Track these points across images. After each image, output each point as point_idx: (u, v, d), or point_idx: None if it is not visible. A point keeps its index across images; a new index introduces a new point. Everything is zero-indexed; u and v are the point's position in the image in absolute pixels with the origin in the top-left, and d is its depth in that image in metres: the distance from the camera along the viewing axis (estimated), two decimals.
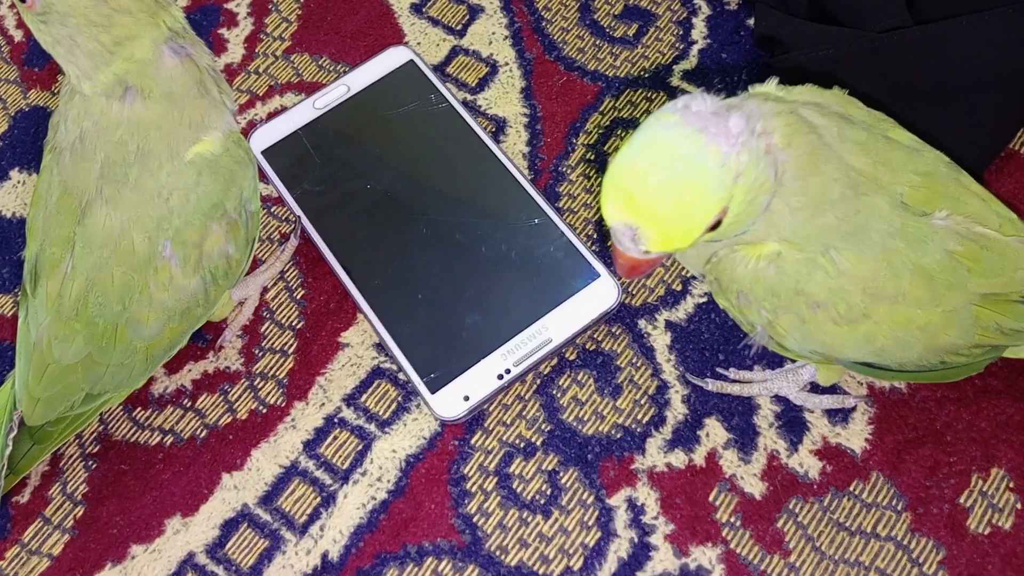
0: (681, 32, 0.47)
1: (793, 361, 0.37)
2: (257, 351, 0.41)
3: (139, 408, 0.41)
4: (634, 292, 0.41)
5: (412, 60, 0.46)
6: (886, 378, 0.35)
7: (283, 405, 0.40)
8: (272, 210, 0.44)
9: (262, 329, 0.42)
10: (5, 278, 0.45)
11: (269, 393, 0.41)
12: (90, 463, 0.40)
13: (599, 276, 0.40)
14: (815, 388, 0.38)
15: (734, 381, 0.38)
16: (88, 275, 0.34)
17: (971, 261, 0.31)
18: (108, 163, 0.33)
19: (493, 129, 0.45)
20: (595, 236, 0.42)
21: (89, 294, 0.34)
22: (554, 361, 0.40)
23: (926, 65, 0.41)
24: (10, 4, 0.54)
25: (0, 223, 0.47)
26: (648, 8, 0.48)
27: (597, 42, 0.47)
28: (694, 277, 0.41)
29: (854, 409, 0.37)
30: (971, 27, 0.40)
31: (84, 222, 0.33)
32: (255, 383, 0.41)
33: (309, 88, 0.47)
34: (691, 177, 0.26)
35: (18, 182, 0.48)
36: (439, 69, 0.47)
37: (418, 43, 0.48)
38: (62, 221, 0.34)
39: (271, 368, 0.41)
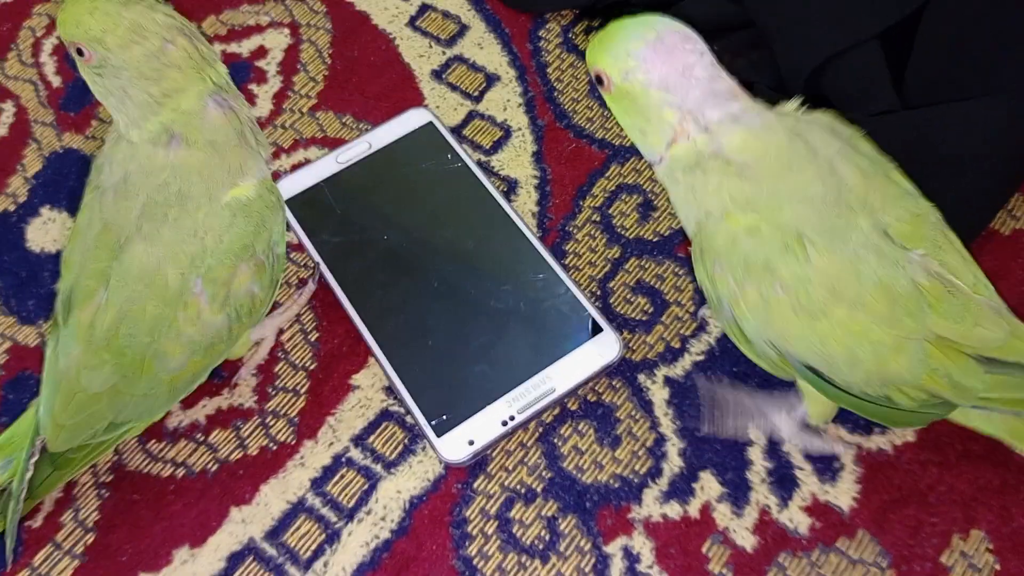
0: None
1: (754, 366, 0.38)
2: (271, 390, 0.43)
3: (153, 440, 0.42)
4: (635, 348, 0.43)
5: (431, 122, 0.49)
6: (830, 396, 0.35)
7: (293, 443, 0.42)
8: (292, 256, 0.46)
9: (276, 369, 0.44)
10: (31, 310, 0.47)
11: (280, 431, 0.42)
12: (103, 492, 0.41)
13: (602, 331, 0.42)
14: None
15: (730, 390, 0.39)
16: (121, 307, 0.35)
17: (935, 299, 0.32)
18: (149, 203, 0.35)
19: (505, 189, 0.48)
20: (599, 293, 0.44)
21: (120, 325, 0.36)
22: (556, 410, 0.41)
23: (912, 146, 0.44)
24: (51, 52, 0.57)
25: (28, 257, 0.49)
26: None
27: (605, 113, 0.50)
28: (693, 336, 0.43)
29: (842, 468, 0.39)
30: (954, 113, 0.43)
31: (121, 257, 0.35)
32: (267, 420, 0.42)
33: (332, 143, 0.50)
34: None
35: (48, 219, 0.50)
36: (456, 131, 0.50)
37: (437, 106, 0.51)
38: (100, 255, 0.36)
39: (283, 407, 0.43)
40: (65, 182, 0.51)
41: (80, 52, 0.35)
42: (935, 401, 0.34)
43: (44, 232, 0.49)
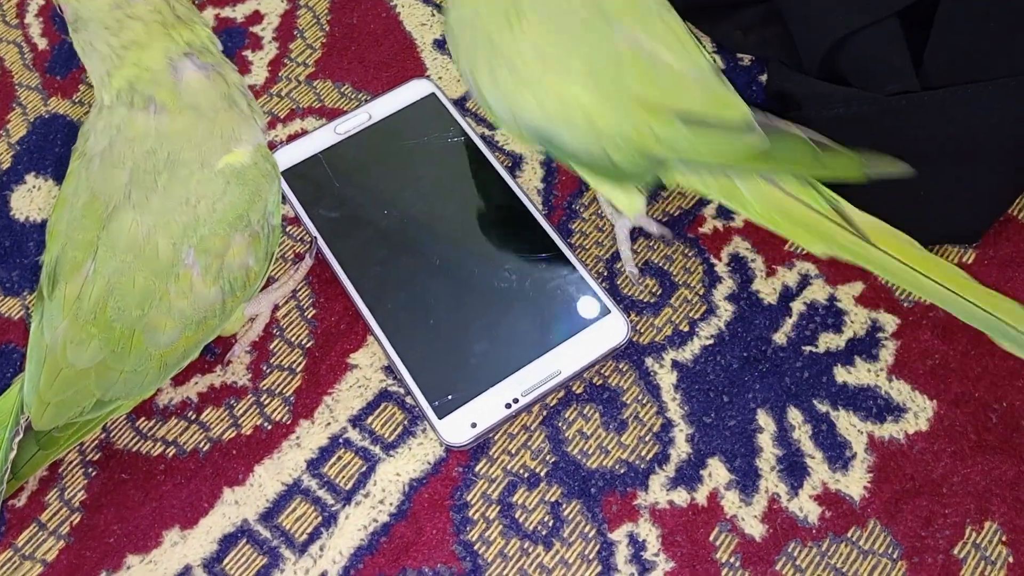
0: None
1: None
2: (265, 367, 0.42)
3: (143, 418, 0.41)
4: (642, 331, 0.41)
5: (433, 93, 0.47)
6: (567, 162, 0.39)
7: (288, 423, 0.40)
8: (288, 230, 0.45)
9: (271, 346, 0.42)
10: (15, 282, 0.45)
11: (275, 410, 0.41)
12: (90, 471, 0.40)
13: (609, 312, 0.40)
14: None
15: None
16: (109, 279, 0.34)
17: (636, 66, 0.35)
18: (137, 170, 0.33)
19: (509, 164, 0.46)
20: (605, 273, 0.43)
21: (109, 298, 0.34)
22: (561, 393, 0.40)
23: (931, 129, 0.43)
24: (36, 13, 0.54)
25: (13, 226, 0.47)
26: None
27: None
28: (702, 319, 0.41)
29: (854, 457, 0.38)
30: (974, 96, 0.42)
31: (109, 227, 0.34)
32: (261, 399, 0.41)
33: (330, 114, 0.48)
34: None
35: (33, 187, 0.48)
36: (459, 104, 0.48)
37: (439, 78, 0.49)
38: (87, 225, 0.34)
39: (278, 385, 0.41)
40: (51, 148, 0.49)
41: (62, 10, 0.33)
42: (650, 158, 0.36)
43: (29, 200, 0.47)
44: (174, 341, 0.36)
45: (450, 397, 0.39)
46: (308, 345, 0.42)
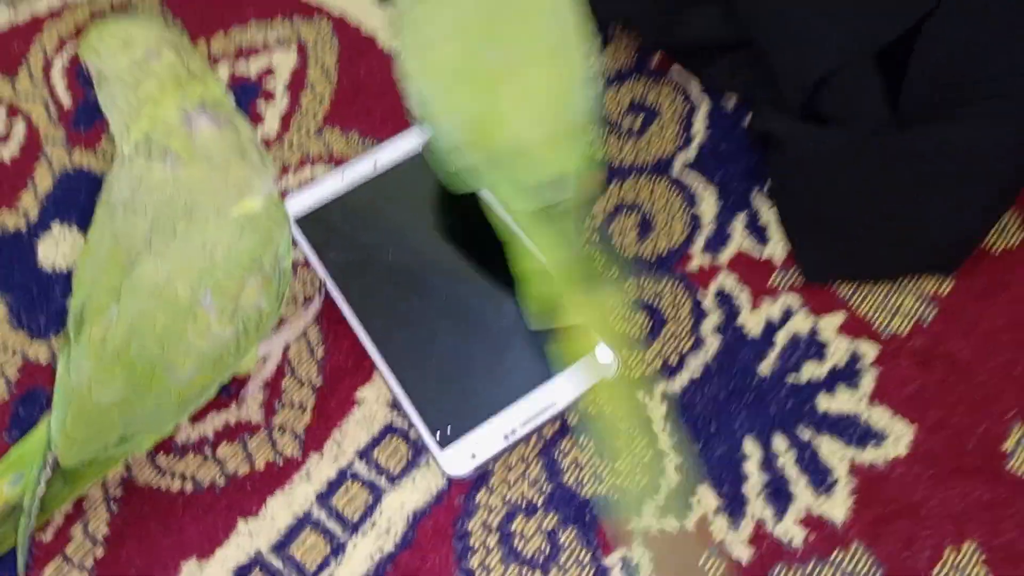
0: (683, 126, 0.51)
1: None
2: (277, 405, 0.44)
3: (162, 454, 0.43)
4: (632, 365, 0.43)
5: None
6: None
7: (299, 457, 0.43)
8: (298, 273, 0.47)
9: (283, 384, 0.45)
10: (42, 326, 0.48)
11: (286, 445, 0.43)
12: (113, 506, 0.42)
13: (596, 347, 0.43)
14: None
15: None
16: (132, 321, 0.36)
17: (488, 85, 0.39)
18: (158, 218, 0.36)
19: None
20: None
21: (131, 339, 0.37)
22: (557, 425, 0.42)
23: (906, 165, 0.45)
24: (62, 71, 0.58)
25: (40, 274, 0.50)
26: (653, 104, 0.52)
27: (603, 131, 0.51)
28: (690, 353, 0.44)
29: (836, 482, 0.40)
30: (947, 134, 0.44)
31: (132, 273, 0.36)
32: (273, 435, 0.43)
33: (338, 161, 0.51)
34: None
35: (59, 236, 0.51)
36: None
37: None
38: (111, 271, 0.37)
39: (289, 421, 0.44)
40: (76, 199, 0.52)
41: (88, 69, 0.37)
42: (471, 173, 0.41)
43: (55, 249, 0.50)
44: (192, 378, 0.38)
45: (451, 429, 0.41)
46: (317, 383, 0.44)
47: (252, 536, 0.41)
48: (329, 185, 0.49)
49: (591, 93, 0.40)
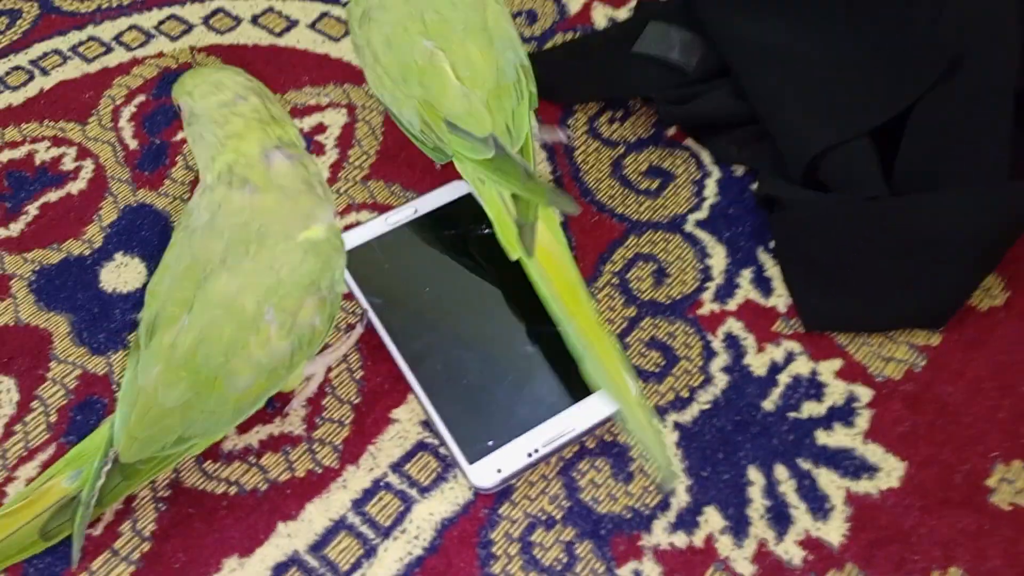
0: (695, 189, 0.56)
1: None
2: (318, 420, 0.48)
3: (210, 461, 0.47)
4: (648, 395, 0.47)
5: (470, 192, 0.55)
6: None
7: (337, 467, 0.46)
8: (342, 303, 0.52)
9: (324, 402, 0.48)
10: (101, 343, 0.52)
11: (325, 456, 0.46)
12: (160, 505, 0.45)
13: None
14: None
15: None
16: (202, 330, 0.41)
17: (427, 75, 0.48)
18: (233, 240, 0.41)
19: None
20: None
21: (199, 345, 0.41)
22: (576, 447, 0.46)
23: (898, 229, 0.49)
24: (129, 118, 0.63)
25: (102, 296, 0.54)
26: (669, 168, 0.57)
27: (625, 191, 0.56)
28: (700, 387, 0.47)
29: (833, 509, 0.43)
30: (935, 202, 0.49)
31: (205, 286, 0.41)
32: (313, 447, 0.47)
33: (382, 208, 0.56)
34: None
35: (120, 263, 0.55)
36: None
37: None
38: (185, 285, 0.41)
39: (329, 435, 0.47)
40: (138, 232, 0.57)
41: (180, 108, 0.42)
42: (436, 144, 0.50)
43: (117, 275, 0.55)
44: (248, 387, 0.42)
45: (479, 446, 0.45)
46: (356, 402, 0.48)
47: (291, 537, 0.44)
48: (373, 227, 0.54)
49: (505, 46, 0.50)
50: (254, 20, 0.69)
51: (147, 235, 0.57)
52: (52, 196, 0.60)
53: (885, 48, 0.55)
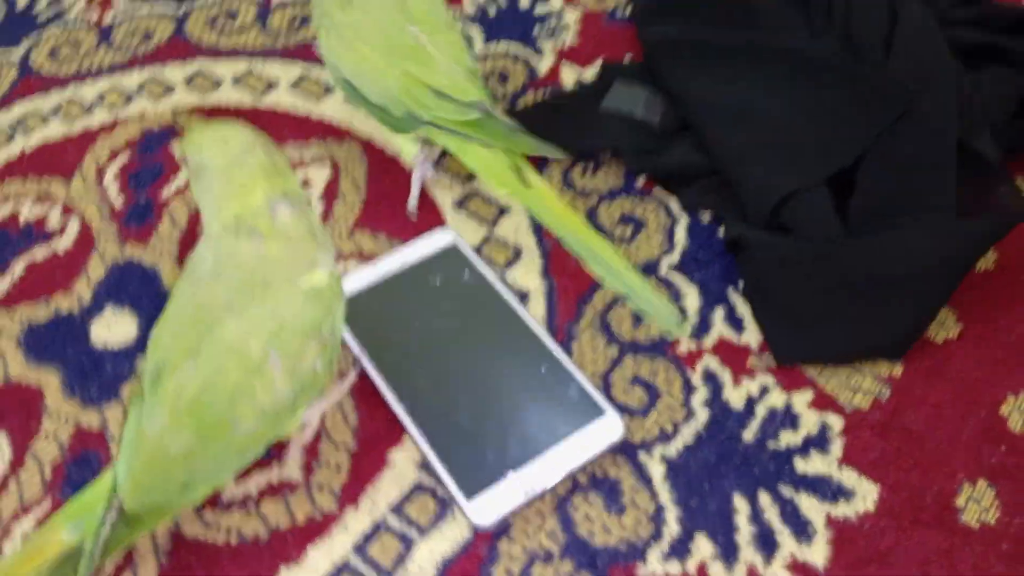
0: (666, 235, 0.59)
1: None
2: (315, 465, 0.49)
3: (209, 510, 0.47)
4: (634, 430, 0.50)
5: (455, 241, 0.57)
6: (365, 106, 0.58)
7: (336, 511, 0.47)
8: None
9: (320, 447, 0.49)
10: (93, 396, 0.52)
11: (324, 500, 0.47)
12: (161, 557, 0.46)
13: (605, 414, 0.49)
14: None
15: None
16: (208, 375, 0.42)
17: (412, 52, 0.55)
18: (239, 287, 0.42)
19: (519, 297, 0.56)
20: (601, 384, 0.51)
21: (205, 391, 0.42)
22: (569, 483, 0.48)
23: (855, 268, 0.53)
24: (114, 177, 0.65)
25: (93, 351, 0.54)
26: (641, 217, 0.60)
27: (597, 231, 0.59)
28: (683, 422, 0.50)
29: (815, 533, 0.46)
30: (888, 242, 0.53)
31: (212, 332, 0.42)
32: (312, 492, 0.48)
33: (369, 258, 0.58)
34: None
35: (111, 317, 0.56)
36: (476, 250, 0.58)
37: (459, 229, 0.60)
38: (192, 333, 0.42)
39: (327, 480, 0.48)
40: (127, 286, 0.58)
41: (187, 161, 0.44)
42: (413, 115, 0.55)
43: (107, 329, 0.56)
44: (252, 432, 0.43)
45: (476, 484, 0.46)
46: (352, 446, 0.49)
47: None
48: (363, 277, 0.55)
49: (471, 51, 0.60)
50: (235, 81, 0.71)
51: (137, 289, 0.58)
52: (38, 254, 0.60)
53: (835, 101, 0.60)
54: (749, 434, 0.49)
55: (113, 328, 0.56)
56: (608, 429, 0.48)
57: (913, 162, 0.55)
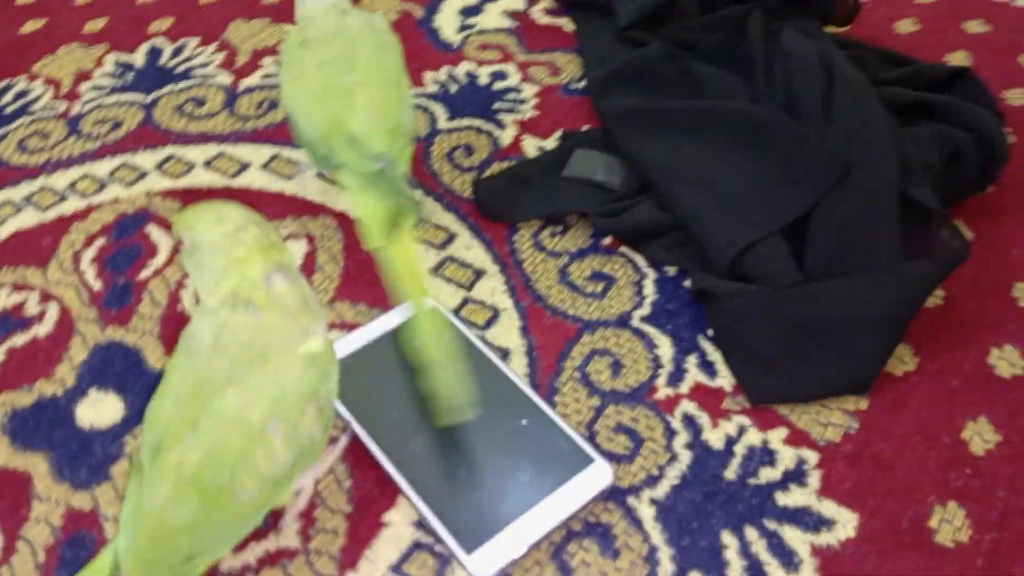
0: (636, 289, 0.62)
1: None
2: (312, 531, 0.49)
3: None
4: (622, 476, 0.51)
5: (433, 304, 0.59)
6: (299, 140, 0.63)
7: (336, 575, 0.47)
8: None
9: (316, 513, 0.50)
10: (83, 478, 0.52)
11: (324, 565, 0.48)
12: None
13: (594, 461, 0.50)
14: None
15: None
16: (209, 446, 0.42)
17: (341, 97, 0.59)
18: (238, 357, 0.43)
19: (500, 356, 0.58)
20: (586, 433, 0.53)
21: (208, 462, 0.42)
22: (563, 531, 0.49)
23: (814, 311, 0.56)
24: (91, 261, 0.65)
25: (80, 433, 0.55)
26: (610, 273, 0.63)
27: (574, 295, 0.62)
28: (667, 465, 0.52)
29: (802, 562, 0.48)
30: (842, 286, 0.57)
31: (211, 403, 0.43)
32: (311, 558, 0.48)
33: (350, 327, 0.60)
34: None
35: (95, 399, 0.56)
36: (454, 312, 0.60)
37: (436, 295, 0.62)
38: (191, 405, 0.43)
39: (325, 545, 0.49)
40: (111, 368, 0.58)
41: (182, 241, 0.45)
42: (327, 156, 0.60)
43: (93, 411, 0.56)
44: (254, 500, 0.44)
45: (475, 538, 0.47)
46: (348, 510, 0.50)
47: None
48: (347, 343, 0.57)
49: (407, 107, 0.62)
50: (207, 164, 0.73)
51: (120, 370, 0.58)
52: (18, 340, 0.61)
53: (781, 160, 0.64)
54: (731, 472, 0.51)
55: (99, 409, 0.56)
56: (598, 476, 0.50)
57: (860, 214, 0.59)
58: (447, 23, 0.87)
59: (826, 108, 0.65)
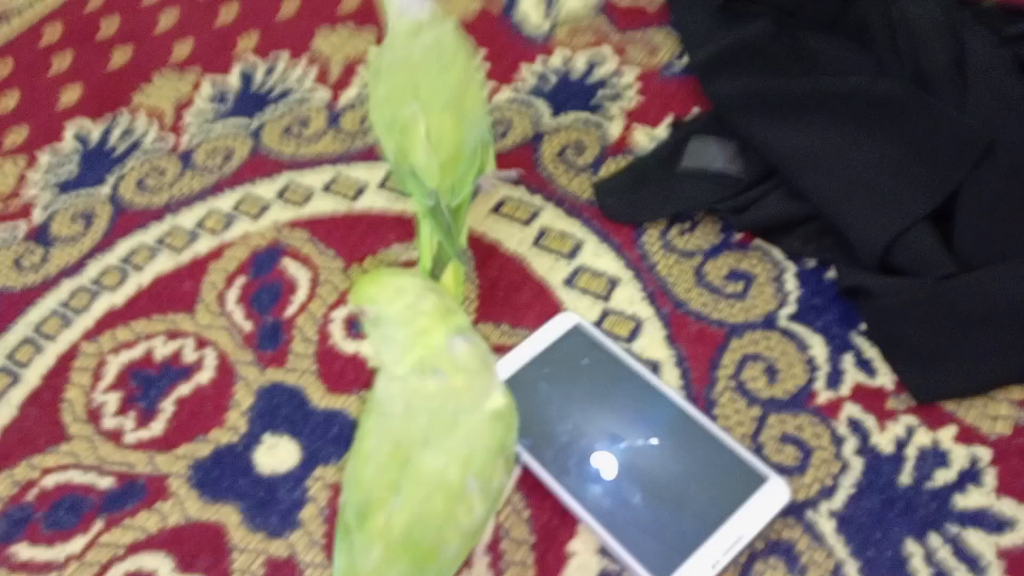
0: (777, 286, 0.62)
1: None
2: (502, 565, 0.51)
3: None
4: (797, 489, 0.52)
5: (578, 322, 0.60)
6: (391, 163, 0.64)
7: None
8: None
9: (502, 546, 0.52)
10: (275, 525, 0.55)
11: None
12: None
13: (769, 479, 0.51)
14: None
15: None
16: (414, 508, 0.44)
17: (404, 129, 0.61)
18: (431, 422, 0.45)
19: (651, 369, 0.58)
20: (752, 447, 0.54)
21: (415, 523, 0.44)
22: (748, 553, 0.50)
23: (976, 300, 0.55)
24: (237, 301, 0.67)
25: (263, 479, 0.57)
26: (747, 270, 0.63)
27: (715, 298, 0.61)
28: (840, 473, 0.52)
29: (989, 564, 0.48)
30: (1005, 272, 0.55)
31: (411, 466, 0.45)
32: None
33: (497, 350, 0.61)
34: None
35: (271, 444, 0.59)
36: (596, 326, 0.61)
37: (574, 308, 0.62)
38: (391, 468, 0.45)
39: None
40: (279, 411, 0.61)
41: (363, 312, 0.46)
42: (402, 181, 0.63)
43: (271, 456, 0.58)
44: (457, 554, 0.46)
45: (665, 566, 0.49)
46: (532, 541, 0.52)
47: None
48: (503, 368, 0.58)
49: (473, 123, 0.62)
50: (325, 189, 0.74)
51: (288, 412, 0.60)
52: (184, 389, 0.63)
53: (917, 140, 0.61)
54: (906, 477, 0.52)
55: (276, 454, 0.58)
56: (776, 494, 0.51)
57: (1010, 191, 0.57)
58: (531, 11, 0.85)
59: (960, 78, 0.63)
